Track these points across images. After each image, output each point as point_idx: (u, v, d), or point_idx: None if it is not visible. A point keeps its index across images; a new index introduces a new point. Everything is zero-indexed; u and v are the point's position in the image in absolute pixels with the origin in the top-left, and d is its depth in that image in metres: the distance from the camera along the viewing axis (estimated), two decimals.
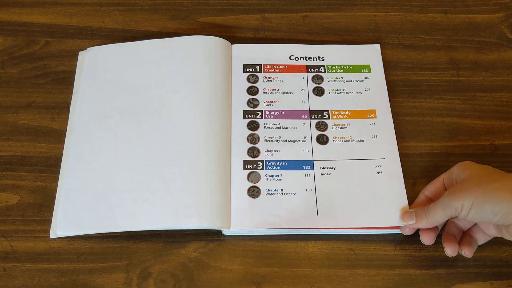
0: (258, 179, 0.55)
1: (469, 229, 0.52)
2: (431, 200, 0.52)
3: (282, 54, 0.64)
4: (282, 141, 0.58)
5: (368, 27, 0.67)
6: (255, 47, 0.64)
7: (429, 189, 0.53)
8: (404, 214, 0.51)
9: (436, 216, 0.49)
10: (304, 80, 0.62)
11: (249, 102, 0.60)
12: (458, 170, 0.50)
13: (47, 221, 0.54)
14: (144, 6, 0.69)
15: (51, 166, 0.57)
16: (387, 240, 0.53)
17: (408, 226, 0.51)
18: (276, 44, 0.64)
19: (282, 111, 0.60)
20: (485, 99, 0.62)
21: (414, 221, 0.50)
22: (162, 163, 0.54)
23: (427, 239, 0.51)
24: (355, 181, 0.55)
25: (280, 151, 0.57)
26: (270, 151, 0.57)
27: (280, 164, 0.56)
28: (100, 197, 0.53)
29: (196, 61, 0.60)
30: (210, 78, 0.59)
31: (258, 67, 0.63)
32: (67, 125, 0.59)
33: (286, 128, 0.58)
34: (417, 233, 0.53)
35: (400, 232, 0.53)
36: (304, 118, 0.59)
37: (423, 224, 0.50)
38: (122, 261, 0.52)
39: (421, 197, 0.53)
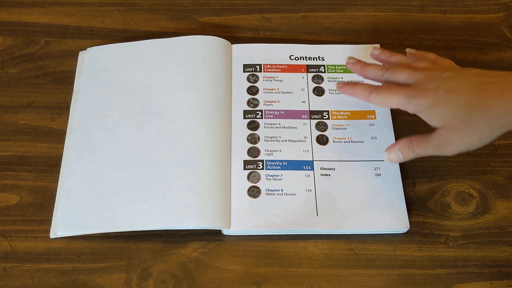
0: (258, 179, 0.55)
1: None
2: None
3: (282, 54, 0.64)
4: (282, 141, 0.58)
5: (368, 27, 0.67)
6: (255, 47, 0.64)
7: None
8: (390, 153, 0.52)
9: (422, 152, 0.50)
10: (304, 80, 0.62)
11: (249, 102, 0.60)
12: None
13: (47, 221, 0.54)
14: (144, 6, 0.69)
15: (51, 166, 0.57)
16: (387, 240, 0.53)
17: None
18: (276, 44, 0.64)
19: (282, 111, 0.60)
20: None
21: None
22: (162, 163, 0.54)
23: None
24: (355, 183, 0.55)
25: (280, 151, 0.57)
26: (270, 151, 0.57)
27: (280, 164, 0.56)
28: (100, 197, 0.53)
29: (196, 61, 0.60)
30: (210, 78, 0.59)
31: (258, 67, 0.63)
32: (67, 125, 0.59)
33: (286, 128, 0.58)
34: (416, 234, 0.53)
35: (400, 232, 0.53)
36: (304, 118, 0.59)
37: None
38: (122, 261, 0.52)
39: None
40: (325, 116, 0.59)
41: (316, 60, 0.63)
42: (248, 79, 0.62)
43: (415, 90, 0.48)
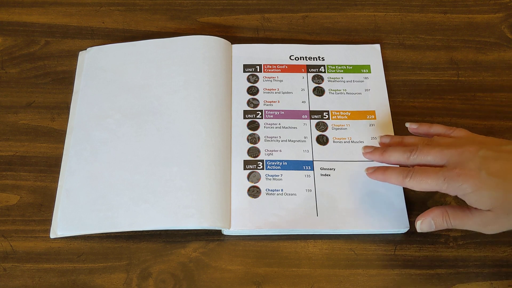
0: (258, 179, 0.55)
1: None
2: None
3: (282, 54, 0.64)
4: (282, 141, 0.58)
5: (368, 27, 0.67)
6: (255, 47, 0.64)
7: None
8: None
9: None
10: (304, 80, 0.62)
11: (249, 102, 0.60)
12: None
13: (47, 221, 0.54)
14: (144, 6, 0.69)
15: (51, 166, 0.57)
16: (387, 240, 0.53)
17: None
18: (276, 44, 0.64)
19: (282, 111, 0.60)
20: (485, 99, 0.62)
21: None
22: (162, 163, 0.54)
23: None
24: (354, 183, 0.55)
25: (280, 151, 0.57)
26: (270, 151, 0.57)
27: (280, 164, 0.56)
28: (100, 197, 0.53)
29: (196, 61, 0.60)
30: (210, 78, 0.59)
31: (258, 67, 0.63)
32: (67, 125, 0.59)
33: (286, 128, 0.58)
34: (416, 234, 0.53)
35: (400, 232, 0.53)
36: (304, 118, 0.59)
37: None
38: (122, 261, 0.52)
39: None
40: (325, 116, 0.59)
41: (316, 60, 0.63)
42: (248, 79, 0.62)
43: (453, 171, 0.45)
